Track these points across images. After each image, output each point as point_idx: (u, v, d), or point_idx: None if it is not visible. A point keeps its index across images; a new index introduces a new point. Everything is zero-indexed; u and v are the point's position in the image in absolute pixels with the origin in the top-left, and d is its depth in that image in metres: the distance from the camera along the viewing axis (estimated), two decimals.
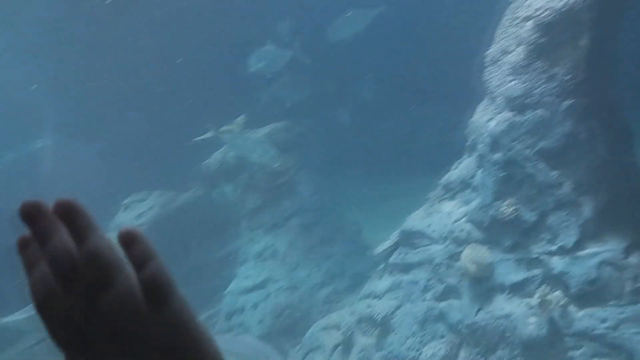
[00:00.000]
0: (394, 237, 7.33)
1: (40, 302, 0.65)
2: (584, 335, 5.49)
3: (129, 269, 0.64)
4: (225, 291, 9.48)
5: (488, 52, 6.52)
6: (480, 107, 6.63)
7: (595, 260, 5.60)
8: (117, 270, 0.63)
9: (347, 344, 7.44)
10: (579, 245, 5.74)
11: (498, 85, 6.39)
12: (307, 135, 9.87)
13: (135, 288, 0.64)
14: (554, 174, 5.83)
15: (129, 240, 0.64)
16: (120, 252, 0.64)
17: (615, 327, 5.39)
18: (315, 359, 7.62)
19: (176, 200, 10.28)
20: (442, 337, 6.50)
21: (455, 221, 6.62)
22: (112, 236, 0.67)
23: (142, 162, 10.59)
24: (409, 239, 7.14)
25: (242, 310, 9.02)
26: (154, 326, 0.63)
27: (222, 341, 6.19)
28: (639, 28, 6.91)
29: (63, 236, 0.64)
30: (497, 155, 6.15)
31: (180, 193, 10.37)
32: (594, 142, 5.66)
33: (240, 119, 8.73)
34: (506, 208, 6.01)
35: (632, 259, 5.52)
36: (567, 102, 5.88)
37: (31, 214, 0.64)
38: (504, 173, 6.08)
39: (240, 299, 9.07)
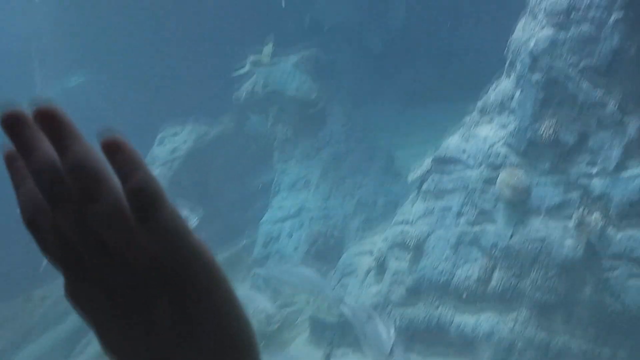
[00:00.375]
0: (427, 163, 7.25)
1: (29, 219, 0.62)
2: (622, 257, 5.45)
3: (116, 179, 0.59)
4: (261, 221, 9.74)
5: None
6: (520, 25, 6.28)
7: (637, 181, 5.43)
8: (102, 181, 0.58)
9: (380, 269, 7.61)
10: (620, 166, 5.56)
11: (540, 0, 6.00)
12: (338, 63, 9.64)
13: (122, 199, 0.59)
14: (598, 93, 5.56)
15: (112, 148, 0.58)
16: (105, 161, 0.59)
17: None
18: (349, 282, 7.85)
19: (209, 134, 10.38)
20: (475, 260, 6.55)
21: (491, 145, 6.48)
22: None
23: (175, 94, 10.62)
24: (443, 165, 7.06)
25: (278, 238, 9.28)
26: (143, 237, 0.59)
27: (280, 271, 6.38)
28: None
29: (45, 148, 0.60)
30: (537, 75, 5.88)
31: (212, 126, 10.45)
32: None
33: (268, 48, 8.55)
34: (545, 130, 5.82)
35: None
36: (615, 16, 5.50)
37: (11, 125, 0.60)
38: (544, 93, 5.83)
39: (276, 228, 9.30)
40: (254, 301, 5.58)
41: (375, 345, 4.65)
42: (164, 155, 10.69)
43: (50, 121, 0.59)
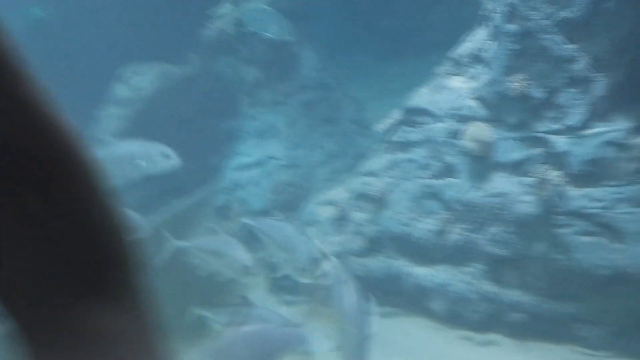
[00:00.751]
0: (396, 114, 7.12)
1: None
2: (577, 214, 5.50)
3: None
4: (226, 168, 9.54)
5: None
6: None
7: (600, 140, 5.43)
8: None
9: (342, 219, 7.58)
10: (586, 124, 5.53)
11: None
12: (315, 7, 9.26)
13: None
14: (571, 47, 5.45)
15: None
16: None
17: (609, 207, 5.37)
18: (311, 232, 7.81)
19: (176, 74, 9.98)
20: (436, 213, 6.55)
21: (461, 98, 6.37)
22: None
23: (141, 31, 10.11)
24: (412, 117, 6.94)
25: (243, 186, 9.13)
26: None
27: (268, 225, 6.22)
28: None
29: None
30: (513, 27, 5.72)
31: (179, 67, 10.03)
32: (622, 11, 5.19)
33: None
34: (516, 84, 5.72)
35: (639, 140, 5.35)
36: None
37: None
38: (518, 46, 5.70)
39: (241, 175, 9.13)
40: (234, 249, 5.41)
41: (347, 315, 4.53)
42: (127, 95, 10.28)
43: None
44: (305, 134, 8.84)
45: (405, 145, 7.06)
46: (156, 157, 6.17)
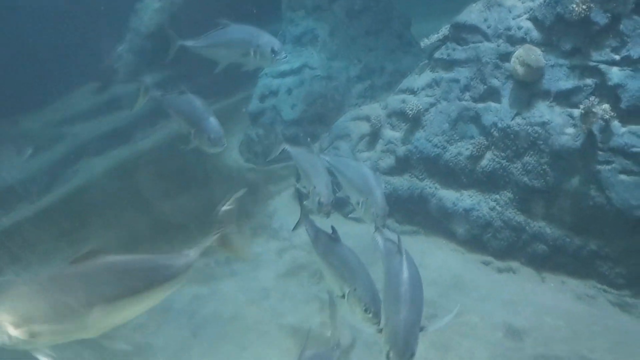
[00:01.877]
0: (444, 30, 6.75)
1: None
2: (620, 151, 5.27)
3: None
4: (260, 74, 9.40)
5: None
6: None
7: None
8: None
9: (374, 136, 7.48)
10: None
11: None
12: None
13: None
14: None
15: None
16: None
17: None
18: (341, 145, 7.77)
19: None
20: (471, 137, 6.39)
21: (516, 17, 5.95)
22: None
23: None
24: (460, 34, 6.57)
25: (276, 93, 9.02)
26: None
27: (342, 163, 6.08)
28: None
29: None
30: None
31: None
32: None
33: None
34: (577, 6, 5.28)
35: None
36: None
37: None
38: None
39: (275, 82, 9.00)
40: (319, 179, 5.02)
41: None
42: None
43: None
44: (345, 45, 8.53)
45: (449, 64, 6.76)
46: (266, 51, 5.66)
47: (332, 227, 3.70)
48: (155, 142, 10.50)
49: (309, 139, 6.23)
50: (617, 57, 5.28)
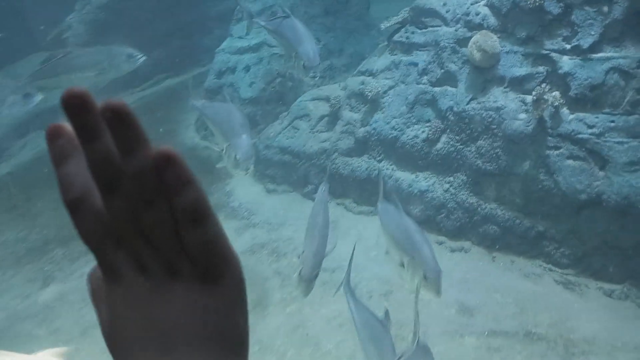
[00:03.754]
0: (403, 13, 6.79)
1: (71, 199, 0.63)
2: (567, 137, 5.52)
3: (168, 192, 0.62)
4: (217, 49, 9.17)
5: None
6: None
7: (605, 65, 5.31)
8: (158, 192, 0.61)
9: (333, 116, 7.50)
10: (595, 47, 5.37)
11: None
12: None
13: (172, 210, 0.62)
14: None
15: (164, 161, 0.60)
16: (162, 174, 0.61)
17: (600, 134, 5.39)
18: (300, 125, 7.74)
19: None
20: (428, 120, 6.51)
21: (474, 3, 6.06)
22: None
23: None
24: (419, 17, 6.63)
25: (234, 70, 8.84)
26: (188, 246, 0.64)
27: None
28: None
29: (107, 139, 0.60)
30: None
31: None
32: None
33: None
34: None
35: None
36: None
37: (75, 106, 0.59)
38: None
39: (233, 59, 8.81)
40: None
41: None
42: None
43: (120, 117, 0.59)
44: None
45: (408, 47, 6.82)
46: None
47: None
48: None
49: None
50: (568, 46, 5.48)
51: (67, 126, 0.62)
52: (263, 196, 7.59)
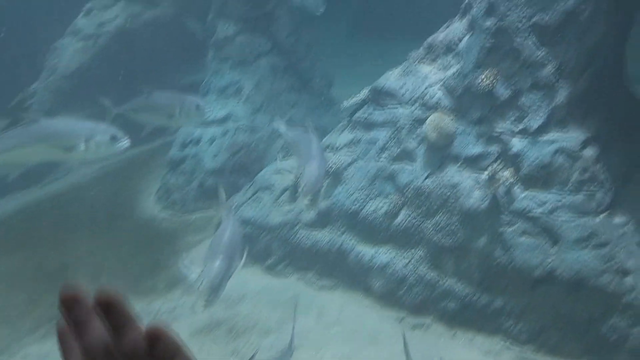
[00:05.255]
0: (364, 92, 7.11)
1: None
2: (521, 214, 5.72)
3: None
4: None
5: None
6: None
7: (552, 147, 5.63)
8: None
9: (296, 189, 7.56)
10: (542, 129, 5.72)
11: None
12: None
13: None
14: (541, 52, 5.58)
15: (155, 336, 0.68)
16: (153, 349, 0.68)
17: (550, 212, 5.61)
18: (263, 197, 7.76)
19: (144, 14, 9.53)
20: (387, 195, 6.65)
21: (429, 85, 6.42)
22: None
23: None
24: (379, 97, 6.95)
25: (198, 141, 8.92)
26: None
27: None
28: None
29: (99, 330, 0.69)
30: (490, 22, 5.78)
31: (149, 7, 9.58)
32: (593, 25, 5.34)
33: None
34: (484, 79, 5.81)
35: (587, 152, 5.59)
36: None
37: (68, 303, 0.69)
38: (492, 42, 5.77)
39: (197, 131, 8.91)
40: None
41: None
42: (89, 28, 9.74)
43: (110, 305, 0.68)
44: (270, 99, 8.70)
45: (368, 125, 7.08)
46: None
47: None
48: (68, 185, 9.90)
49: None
50: (518, 128, 5.82)
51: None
52: None
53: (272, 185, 7.79)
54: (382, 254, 6.53)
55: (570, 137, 5.59)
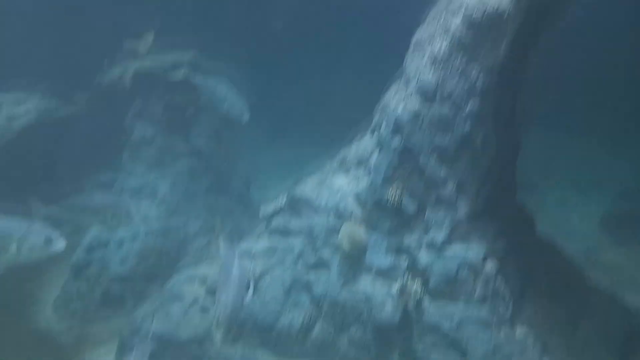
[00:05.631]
0: (281, 200, 7.13)
1: None
2: (430, 327, 5.72)
3: None
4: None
5: (416, 36, 6.41)
6: (394, 88, 6.54)
7: (456, 261, 5.83)
8: None
9: (207, 299, 7.17)
10: (446, 243, 5.93)
11: (415, 72, 6.32)
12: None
13: None
14: (442, 171, 5.92)
15: None
16: None
17: (458, 324, 5.67)
18: (171, 309, 7.26)
19: (58, 111, 9.23)
20: (303, 306, 6.46)
21: (343, 197, 6.55)
22: None
23: (28, 56, 9.31)
24: (295, 205, 6.98)
25: (106, 245, 8.38)
26: None
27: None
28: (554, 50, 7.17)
29: None
30: (396, 141, 6.12)
31: (64, 104, 9.32)
32: (485, 149, 5.80)
33: (148, 38, 7.95)
34: (392, 194, 6.03)
35: (487, 265, 5.83)
36: (473, 103, 5.96)
37: None
38: (398, 160, 6.07)
39: (105, 233, 8.40)
40: None
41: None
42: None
43: None
44: (185, 202, 8.49)
45: (286, 233, 7.03)
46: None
47: None
48: None
49: None
50: (424, 242, 5.99)
51: None
52: None
53: (182, 294, 7.34)
54: None
55: (472, 251, 5.83)
